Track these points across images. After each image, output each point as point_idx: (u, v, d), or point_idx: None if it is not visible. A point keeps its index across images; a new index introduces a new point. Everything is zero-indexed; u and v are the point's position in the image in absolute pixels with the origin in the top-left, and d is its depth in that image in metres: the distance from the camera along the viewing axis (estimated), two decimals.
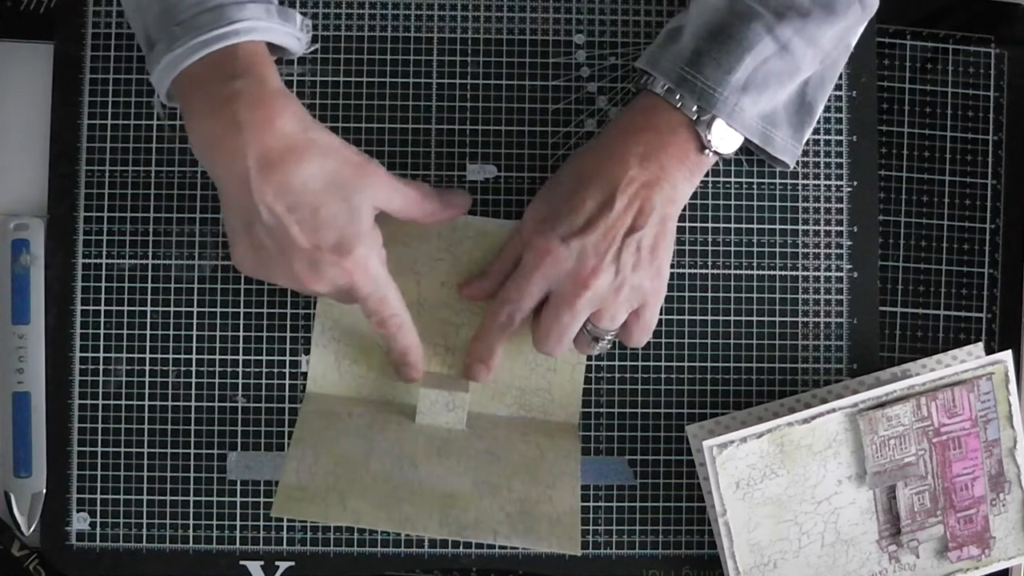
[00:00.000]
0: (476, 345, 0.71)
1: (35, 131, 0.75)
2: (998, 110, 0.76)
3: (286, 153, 0.63)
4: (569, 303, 0.67)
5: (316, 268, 0.64)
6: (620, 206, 0.66)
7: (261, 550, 0.73)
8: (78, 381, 0.73)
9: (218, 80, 0.63)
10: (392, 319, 0.68)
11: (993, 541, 0.73)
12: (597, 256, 0.66)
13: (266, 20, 0.64)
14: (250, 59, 0.63)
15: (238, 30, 0.63)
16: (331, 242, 0.64)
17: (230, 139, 0.62)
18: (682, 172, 0.67)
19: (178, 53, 0.63)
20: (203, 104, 0.63)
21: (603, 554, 0.73)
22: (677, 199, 0.68)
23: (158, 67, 0.64)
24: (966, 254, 0.76)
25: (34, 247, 0.74)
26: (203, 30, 0.63)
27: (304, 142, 0.63)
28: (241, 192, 0.63)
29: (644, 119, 0.68)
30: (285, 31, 0.66)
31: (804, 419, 0.70)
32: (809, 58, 0.67)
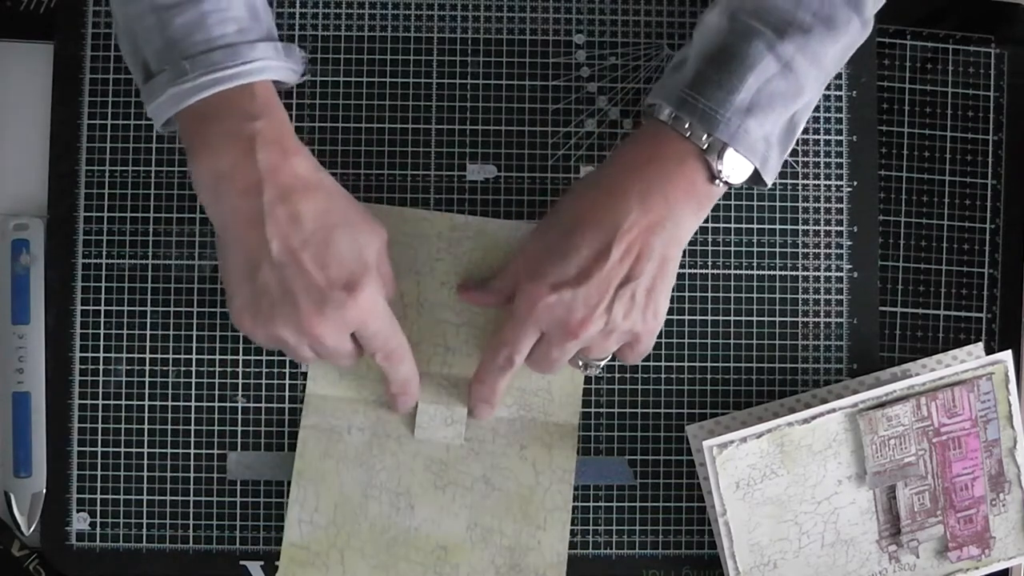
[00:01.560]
0: (478, 387, 0.71)
1: (35, 131, 0.75)
2: (998, 110, 0.76)
3: (300, 189, 0.63)
4: (559, 345, 0.66)
5: (324, 307, 0.63)
6: (616, 255, 0.64)
7: (261, 550, 0.73)
8: (78, 381, 0.73)
9: (236, 118, 0.63)
10: (398, 350, 0.68)
11: (993, 541, 0.73)
12: (587, 308, 0.64)
13: (275, 59, 0.65)
14: (267, 99, 0.64)
15: (251, 70, 0.63)
16: (341, 279, 0.63)
17: (245, 176, 0.62)
18: (689, 206, 0.65)
19: (187, 88, 0.62)
20: (218, 140, 0.63)
21: (603, 554, 0.73)
22: (681, 237, 0.66)
23: (159, 99, 0.63)
24: (966, 254, 0.76)
25: (34, 247, 0.74)
26: (215, 68, 0.62)
27: (316, 182, 0.64)
28: (251, 231, 0.63)
29: (649, 150, 0.65)
30: (288, 68, 0.66)
31: (804, 419, 0.70)
32: (812, 78, 0.65)
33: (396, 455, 0.72)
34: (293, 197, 0.63)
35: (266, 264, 0.63)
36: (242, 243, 0.63)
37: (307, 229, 0.63)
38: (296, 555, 0.71)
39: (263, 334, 0.65)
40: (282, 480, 0.73)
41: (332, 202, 0.64)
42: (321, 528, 0.71)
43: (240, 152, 0.62)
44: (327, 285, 0.63)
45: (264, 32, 0.66)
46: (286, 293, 0.63)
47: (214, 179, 0.63)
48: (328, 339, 0.64)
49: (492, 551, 0.72)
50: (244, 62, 0.63)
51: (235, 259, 0.64)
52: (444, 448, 0.72)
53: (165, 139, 0.74)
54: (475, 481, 0.72)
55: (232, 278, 0.64)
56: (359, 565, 0.71)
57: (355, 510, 0.72)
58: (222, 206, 0.63)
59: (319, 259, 0.63)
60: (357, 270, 0.64)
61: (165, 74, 0.63)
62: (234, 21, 0.64)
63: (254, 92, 0.63)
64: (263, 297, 0.63)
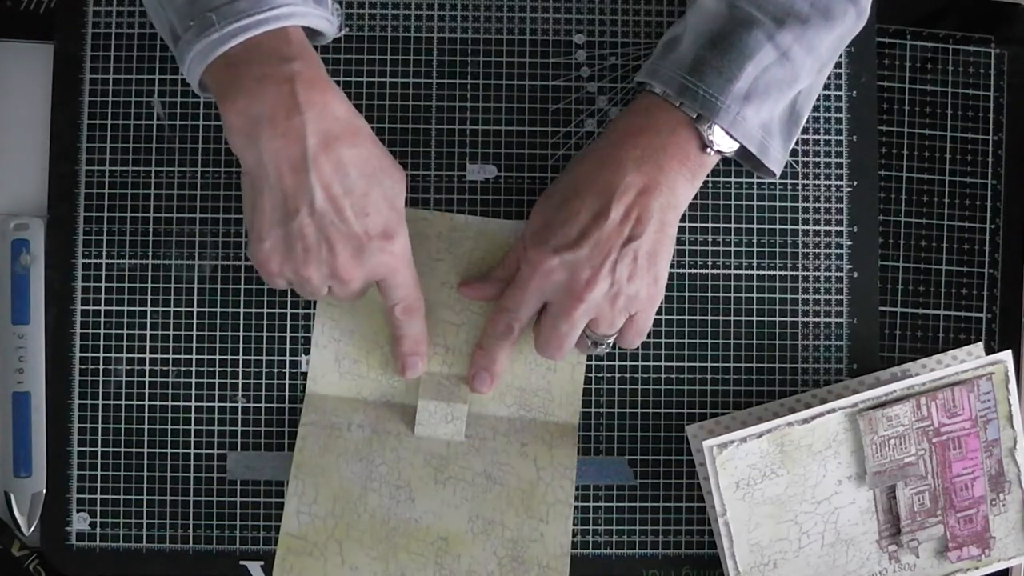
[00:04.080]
0: (478, 354, 0.72)
1: (35, 131, 0.75)
2: (998, 110, 0.76)
3: (343, 135, 0.63)
4: (566, 314, 0.67)
5: (361, 254, 0.64)
6: (616, 215, 0.65)
7: (261, 550, 0.73)
8: (78, 381, 0.73)
9: (272, 60, 0.62)
10: (417, 302, 0.69)
11: (993, 541, 0.73)
12: (592, 268, 0.65)
13: (303, 5, 0.64)
14: (302, 43, 0.63)
15: (279, 15, 0.62)
16: (379, 228, 0.64)
17: (287, 119, 0.61)
18: (683, 174, 0.67)
19: (215, 38, 0.61)
20: (253, 84, 0.61)
21: (603, 554, 0.73)
22: (677, 203, 0.67)
23: (191, 54, 0.62)
24: (966, 254, 0.76)
25: (34, 247, 0.74)
26: (242, 15, 0.61)
27: (356, 127, 0.64)
28: (292, 176, 0.62)
29: (643, 120, 0.67)
30: (319, 15, 0.65)
31: (804, 419, 0.70)
32: (808, 67, 0.66)
33: (396, 450, 0.72)
34: (336, 144, 0.62)
35: (305, 210, 0.63)
36: (280, 188, 0.63)
37: (350, 176, 0.63)
38: (293, 545, 0.71)
39: (290, 272, 0.65)
40: (282, 480, 0.73)
41: (370, 148, 0.65)
42: (320, 519, 0.71)
43: (280, 94, 0.61)
44: (366, 234, 0.64)
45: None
46: (324, 239, 0.63)
47: (250, 123, 0.62)
48: (356, 283, 0.65)
49: (494, 543, 0.71)
50: (271, 7, 0.62)
51: (269, 202, 0.63)
52: (444, 444, 0.72)
53: (165, 139, 0.74)
54: (476, 476, 0.72)
55: (262, 220, 0.64)
56: (358, 555, 0.71)
57: (354, 502, 0.72)
58: (259, 150, 0.62)
59: (360, 208, 0.63)
60: (392, 218, 0.65)
61: (192, 30, 0.62)
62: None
63: (288, 36, 0.63)
64: (298, 241, 0.63)
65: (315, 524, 0.71)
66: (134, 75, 0.74)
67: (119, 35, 0.74)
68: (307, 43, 0.64)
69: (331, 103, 0.63)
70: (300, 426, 0.72)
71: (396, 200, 0.66)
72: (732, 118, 0.65)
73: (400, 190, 0.66)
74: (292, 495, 0.72)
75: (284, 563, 0.71)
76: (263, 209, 0.64)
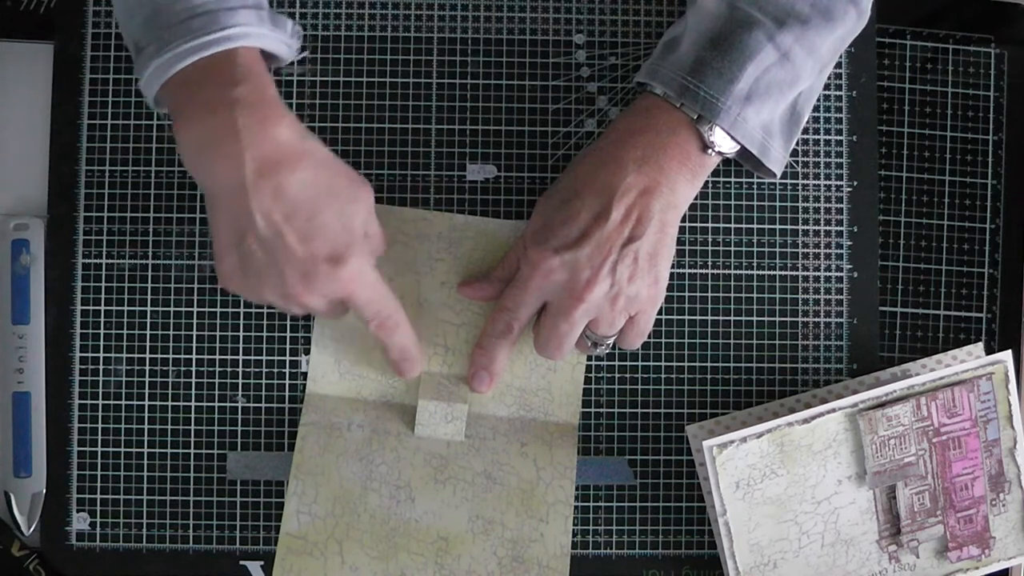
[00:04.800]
0: (477, 353, 0.71)
1: (35, 131, 0.75)
2: (998, 110, 0.76)
3: (284, 160, 0.62)
4: (566, 314, 0.67)
5: (309, 279, 0.63)
6: (616, 216, 0.65)
7: (261, 550, 0.73)
8: (78, 381, 0.73)
9: (217, 85, 0.62)
10: (390, 320, 0.68)
11: (993, 541, 0.73)
12: (592, 268, 0.65)
13: (257, 26, 0.64)
14: (249, 66, 0.63)
15: (230, 35, 0.63)
16: (325, 252, 0.63)
17: (227, 144, 0.61)
18: (683, 174, 0.66)
19: (168, 57, 0.62)
20: (198, 109, 0.62)
21: (603, 554, 0.73)
22: (678, 204, 0.67)
23: (147, 71, 0.63)
24: (966, 254, 0.76)
25: (34, 247, 0.74)
26: (195, 35, 0.62)
27: (300, 151, 0.63)
28: (234, 200, 0.62)
29: (643, 120, 0.67)
30: (275, 37, 0.66)
31: (804, 419, 0.70)
32: (808, 68, 0.66)
33: (396, 450, 0.72)
34: (276, 168, 0.62)
35: (251, 234, 0.63)
36: (228, 210, 0.63)
37: (290, 202, 0.62)
38: (293, 545, 0.71)
39: (252, 295, 0.65)
40: (282, 480, 0.73)
41: (317, 172, 0.63)
42: (319, 519, 0.71)
43: (220, 120, 0.62)
44: (311, 258, 0.63)
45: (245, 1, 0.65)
46: (272, 263, 0.63)
47: (197, 148, 0.63)
48: (315, 306, 0.65)
49: (494, 543, 0.72)
50: (223, 27, 0.62)
51: (223, 224, 0.63)
52: (444, 444, 0.72)
53: (165, 139, 0.74)
54: (476, 476, 0.72)
55: (220, 241, 0.64)
56: (358, 555, 0.71)
57: (354, 502, 0.72)
58: (209, 176, 0.63)
59: (303, 232, 0.63)
60: (342, 241, 0.64)
61: (151, 47, 0.63)
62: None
63: (235, 59, 0.63)
64: (250, 263, 0.63)
65: (315, 524, 0.71)
66: (134, 75, 0.74)
67: (119, 35, 0.74)
68: (257, 66, 0.64)
69: (272, 128, 0.62)
70: (300, 426, 0.72)
71: (350, 220, 0.64)
72: (733, 119, 0.65)
73: (357, 210, 0.65)
74: (292, 495, 0.72)
75: (284, 563, 0.71)
76: (219, 230, 0.64)
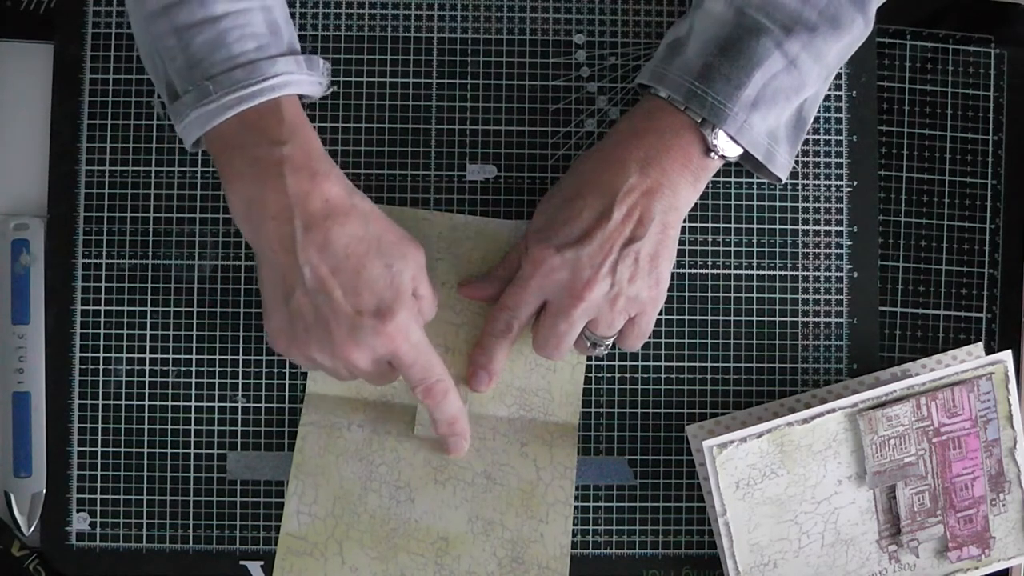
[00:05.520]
0: (476, 352, 0.71)
1: (35, 131, 0.75)
2: (998, 110, 0.76)
3: (331, 215, 0.63)
4: (565, 313, 0.67)
5: (356, 335, 0.63)
6: (618, 216, 0.65)
7: (261, 550, 0.73)
8: (78, 381, 0.73)
9: (264, 142, 0.63)
10: (438, 385, 0.67)
11: (993, 541, 0.73)
12: (592, 268, 0.65)
13: (297, 73, 0.64)
14: (294, 120, 0.64)
15: (273, 85, 0.63)
16: (372, 306, 0.63)
17: (276, 203, 0.62)
18: (685, 177, 0.66)
19: (212, 108, 0.63)
20: (247, 168, 0.63)
21: (603, 554, 0.73)
22: (679, 206, 0.67)
23: (186, 120, 0.64)
24: (966, 254, 0.76)
25: (34, 247, 0.74)
26: (238, 86, 0.63)
27: (348, 206, 0.64)
28: (284, 256, 0.63)
29: (647, 122, 0.67)
30: (312, 80, 0.66)
31: (804, 419, 0.70)
32: (815, 75, 0.66)
33: (396, 451, 0.72)
34: (324, 223, 0.63)
35: (299, 289, 0.63)
36: (277, 267, 0.64)
37: (338, 256, 0.63)
38: (293, 545, 0.71)
39: (299, 356, 0.65)
40: (282, 480, 0.73)
41: (365, 226, 0.64)
42: (320, 519, 0.71)
43: (269, 179, 0.63)
44: (357, 313, 0.63)
45: (285, 46, 0.66)
46: (319, 319, 0.63)
47: (246, 206, 0.63)
48: (362, 364, 0.64)
49: (494, 543, 0.72)
50: (265, 78, 0.63)
51: (271, 281, 0.64)
52: None
53: (165, 139, 0.74)
54: (476, 476, 0.72)
55: (268, 299, 0.65)
56: (358, 556, 0.71)
57: (354, 502, 0.72)
58: (256, 231, 0.64)
59: (351, 286, 0.63)
60: (389, 297, 0.64)
61: (190, 95, 0.63)
62: (253, 38, 0.64)
63: (281, 115, 0.63)
64: (298, 321, 0.64)
65: (315, 524, 0.71)
66: (134, 75, 0.74)
67: (119, 35, 0.74)
68: (300, 116, 0.65)
69: (321, 185, 0.63)
70: (300, 426, 0.72)
71: (398, 277, 0.64)
72: (739, 125, 0.65)
73: (405, 267, 0.65)
74: (292, 495, 0.72)
75: (284, 563, 0.71)
76: (267, 286, 0.65)
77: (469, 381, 0.72)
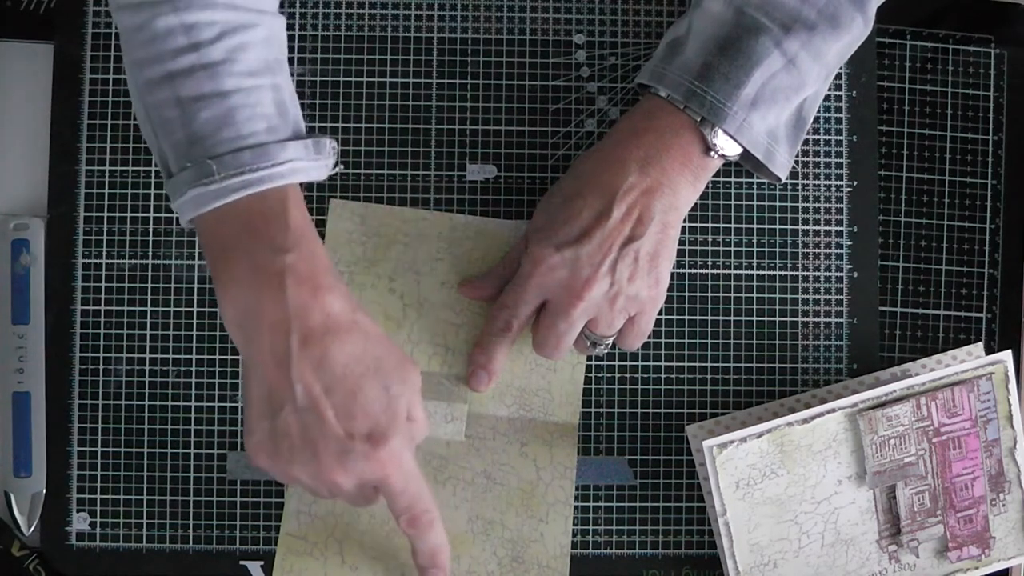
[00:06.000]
0: (476, 352, 0.71)
1: (35, 131, 0.75)
2: (998, 110, 0.76)
3: (331, 331, 0.59)
4: (564, 312, 0.67)
5: (345, 459, 0.59)
6: (618, 215, 0.65)
7: (261, 550, 0.73)
8: (78, 381, 0.73)
9: (266, 249, 0.59)
10: (425, 516, 0.64)
11: (993, 541, 0.73)
12: (592, 267, 0.65)
13: (306, 159, 0.61)
14: (300, 227, 0.60)
15: (283, 172, 0.60)
16: (364, 431, 0.60)
17: (274, 313, 0.59)
18: (685, 176, 0.66)
19: (213, 189, 0.59)
20: (245, 272, 0.59)
21: (603, 554, 0.73)
22: (679, 205, 0.67)
23: (183, 197, 0.60)
24: (966, 254, 0.76)
25: (34, 247, 0.74)
26: (245, 169, 0.59)
27: (350, 323, 0.60)
28: (276, 371, 0.59)
29: (646, 121, 0.67)
30: (320, 165, 0.63)
31: (804, 419, 0.70)
32: (814, 74, 0.66)
33: None
34: (323, 340, 0.59)
35: (289, 406, 0.59)
36: (267, 380, 0.59)
37: (335, 375, 0.59)
38: (293, 545, 0.71)
39: (279, 472, 0.61)
40: None
41: (365, 346, 0.60)
42: (319, 519, 0.71)
43: (269, 289, 0.59)
44: (348, 436, 0.59)
45: (292, 129, 0.62)
46: (307, 440, 0.59)
47: (242, 313, 0.60)
48: (346, 487, 0.61)
49: (494, 543, 0.72)
50: (275, 163, 0.60)
51: (258, 395, 0.60)
52: (444, 444, 0.72)
53: None
54: (476, 476, 0.72)
55: (253, 412, 0.61)
56: (358, 555, 0.71)
57: None
58: (248, 341, 0.60)
59: (344, 408, 0.59)
60: (384, 422, 0.60)
61: (188, 172, 0.60)
62: (263, 118, 0.61)
63: (287, 220, 0.60)
64: (283, 439, 0.60)
65: (315, 524, 0.71)
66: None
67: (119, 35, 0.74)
68: (307, 225, 0.61)
69: (325, 300, 0.59)
70: None
71: (395, 402, 0.61)
72: (739, 124, 0.65)
73: (403, 391, 0.61)
74: (292, 495, 0.72)
75: (284, 563, 0.71)
76: (252, 399, 0.61)
77: (469, 381, 0.72)
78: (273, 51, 0.64)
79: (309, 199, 0.73)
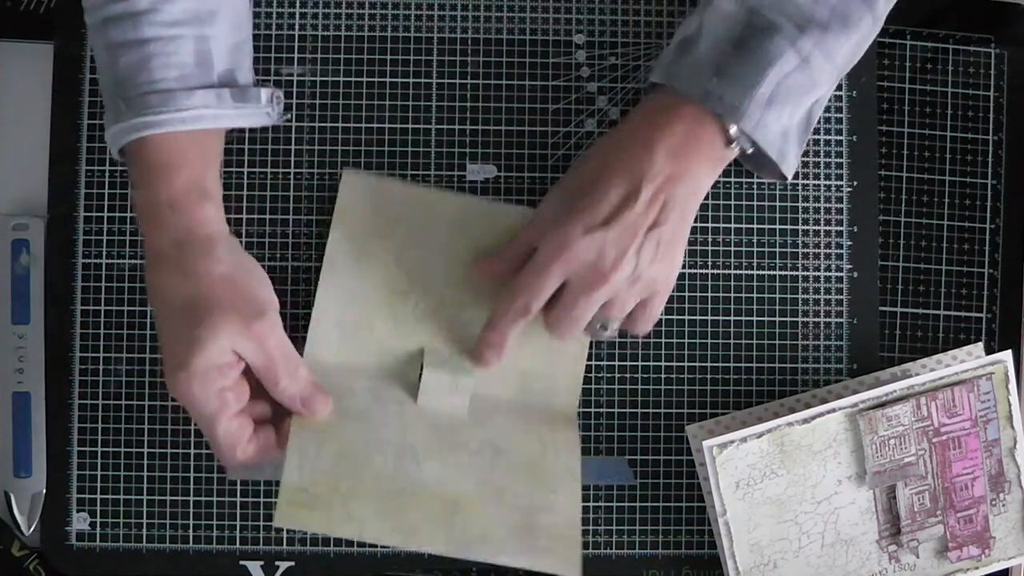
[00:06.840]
0: (488, 331, 0.70)
1: (35, 131, 0.75)
2: (998, 110, 0.76)
3: (162, 261, 0.65)
4: (587, 294, 0.67)
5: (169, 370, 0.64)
6: (645, 198, 0.66)
7: (261, 550, 0.73)
8: (78, 381, 0.73)
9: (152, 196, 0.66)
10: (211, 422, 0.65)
11: (993, 541, 0.73)
12: (619, 250, 0.66)
13: (216, 107, 0.66)
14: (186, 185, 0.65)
15: (184, 118, 0.65)
16: (172, 356, 0.64)
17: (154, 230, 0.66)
18: (705, 166, 0.67)
19: (122, 127, 0.65)
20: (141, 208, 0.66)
21: (603, 554, 0.73)
22: (699, 192, 0.68)
23: (106, 133, 0.67)
24: (966, 254, 0.76)
25: (34, 247, 0.74)
26: (148, 111, 0.64)
27: (190, 262, 0.65)
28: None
29: (669, 111, 0.67)
30: (241, 114, 0.67)
31: (804, 419, 0.70)
32: (826, 73, 0.66)
33: (400, 416, 0.70)
34: (154, 265, 0.66)
35: None
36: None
37: (161, 301, 0.66)
38: (296, 497, 0.65)
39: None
40: None
41: (189, 285, 0.65)
42: (322, 472, 0.67)
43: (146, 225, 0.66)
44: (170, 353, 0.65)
45: (214, 79, 0.66)
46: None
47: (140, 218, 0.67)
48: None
49: (506, 509, 0.68)
50: (178, 109, 0.64)
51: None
52: (447, 418, 0.71)
53: None
54: (482, 446, 0.70)
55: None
56: (364, 510, 0.66)
57: (359, 461, 0.68)
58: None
59: (165, 332, 0.66)
60: (184, 356, 0.63)
61: (109, 111, 0.66)
62: (176, 67, 0.65)
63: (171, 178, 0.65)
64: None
65: (317, 477, 0.67)
66: None
67: None
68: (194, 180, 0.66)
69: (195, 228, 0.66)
70: None
71: (200, 343, 0.63)
72: (754, 124, 0.65)
73: (208, 335, 0.63)
74: (293, 451, 0.67)
75: (285, 516, 0.65)
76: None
77: (476, 356, 0.71)
78: (207, 3, 0.67)
79: (322, 175, 0.73)
